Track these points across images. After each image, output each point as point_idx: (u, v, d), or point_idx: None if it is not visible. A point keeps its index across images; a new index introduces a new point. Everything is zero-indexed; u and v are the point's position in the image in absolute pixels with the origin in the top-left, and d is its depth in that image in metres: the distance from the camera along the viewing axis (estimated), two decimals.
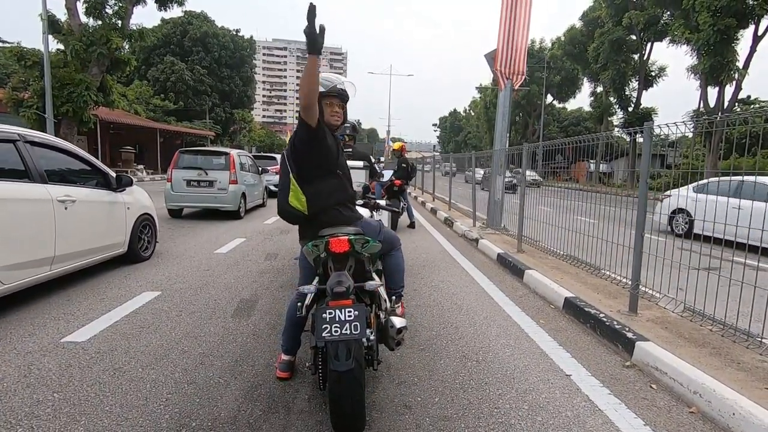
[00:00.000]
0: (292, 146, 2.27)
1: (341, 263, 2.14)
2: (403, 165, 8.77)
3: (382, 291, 2.30)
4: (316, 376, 2.11)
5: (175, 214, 9.22)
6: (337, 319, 1.88)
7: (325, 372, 2.02)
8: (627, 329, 3.12)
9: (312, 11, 1.91)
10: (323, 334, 1.85)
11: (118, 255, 4.86)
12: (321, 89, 2.28)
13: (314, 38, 1.95)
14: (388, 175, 4.32)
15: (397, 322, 2.24)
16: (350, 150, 5.06)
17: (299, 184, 2.24)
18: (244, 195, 9.41)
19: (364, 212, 2.82)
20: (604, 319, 3.34)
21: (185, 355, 2.82)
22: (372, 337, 2.07)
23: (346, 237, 2.10)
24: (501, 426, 2.17)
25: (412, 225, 8.75)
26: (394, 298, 2.60)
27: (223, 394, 2.36)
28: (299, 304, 2.17)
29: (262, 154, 19.26)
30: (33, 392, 2.31)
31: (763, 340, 2.83)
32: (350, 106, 2.56)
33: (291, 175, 2.24)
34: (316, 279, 2.23)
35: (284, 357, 2.56)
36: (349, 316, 1.88)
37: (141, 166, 24.43)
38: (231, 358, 2.79)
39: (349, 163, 4.17)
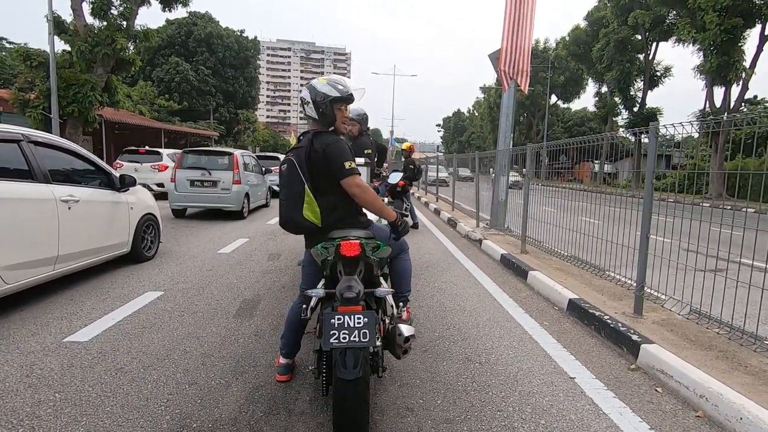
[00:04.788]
0: (307, 157, 2.18)
1: (352, 267, 2.09)
2: (411, 166, 8.73)
3: (389, 297, 2.26)
4: (319, 381, 2.07)
5: (179, 214, 9.25)
6: (346, 325, 1.83)
7: (329, 377, 1.98)
8: (632, 331, 3.09)
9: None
10: (331, 340, 1.81)
11: (121, 255, 4.87)
12: (337, 94, 2.23)
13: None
14: (395, 177, 4.28)
15: (405, 330, 2.15)
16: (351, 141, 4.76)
17: (314, 195, 2.16)
18: (247, 195, 9.42)
19: (370, 215, 2.80)
20: (609, 321, 3.31)
21: (187, 355, 2.81)
22: (378, 344, 2.01)
23: (358, 241, 2.05)
24: (504, 429, 2.14)
25: (415, 226, 8.72)
26: (401, 304, 2.57)
27: (225, 395, 2.35)
28: (304, 306, 2.13)
29: (266, 154, 19.29)
30: (35, 392, 2.31)
31: None
32: (354, 106, 2.54)
33: (306, 186, 2.14)
34: (322, 281, 2.20)
35: (283, 360, 2.54)
36: (359, 323, 1.83)
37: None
38: (233, 359, 2.78)
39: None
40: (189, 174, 8.84)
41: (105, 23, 15.50)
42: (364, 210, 2.39)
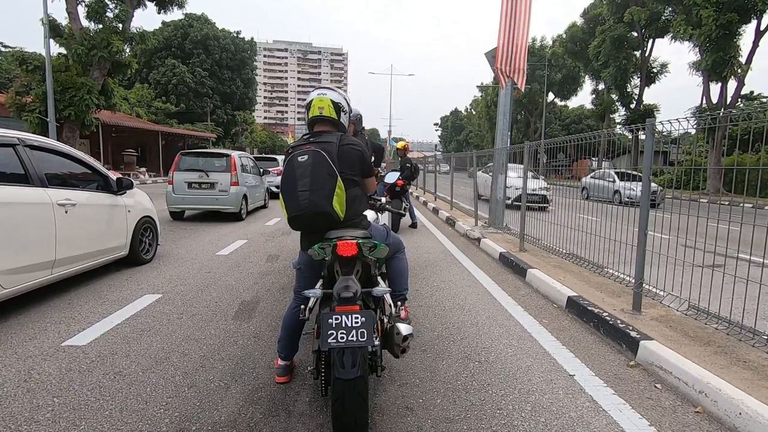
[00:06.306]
0: (337, 152, 2.24)
1: (349, 267, 2.09)
2: (407, 165, 8.75)
3: (387, 296, 2.27)
4: (317, 382, 2.07)
5: (177, 216, 9.23)
6: (343, 325, 1.83)
7: (327, 377, 1.98)
8: (631, 328, 3.09)
9: None
10: (329, 341, 1.81)
11: (119, 258, 4.86)
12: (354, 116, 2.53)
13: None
14: (393, 177, 4.28)
15: (404, 329, 2.16)
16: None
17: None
18: (245, 196, 9.41)
19: (369, 214, 2.80)
20: (608, 318, 3.31)
21: (186, 358, 2.80)
22: (376, 343, 2.01)
23: (355, 240, 2.05)
24: (504, 427, 2.14)
25: (414, 225, 8.73)
26: (399, 303, 2.58)
27: (224, 398, 2.35)
28: (302, 307, 2.13)
29: (264, 155, 19.31)
30: (33, 397, 2.30)
31: None
32: (353, 106, 2.69)
33: (339, 177, 2.19)
34: (320, 282, 2.20)
35: (281, 362, 2.53)
36: (356, 323, 1.83)
37: (143, 169, 24.56)
38: (232, 361, 2.77)
39: None
40: (186, 176, 8.82)
41: (101, 26, 15.47)
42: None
